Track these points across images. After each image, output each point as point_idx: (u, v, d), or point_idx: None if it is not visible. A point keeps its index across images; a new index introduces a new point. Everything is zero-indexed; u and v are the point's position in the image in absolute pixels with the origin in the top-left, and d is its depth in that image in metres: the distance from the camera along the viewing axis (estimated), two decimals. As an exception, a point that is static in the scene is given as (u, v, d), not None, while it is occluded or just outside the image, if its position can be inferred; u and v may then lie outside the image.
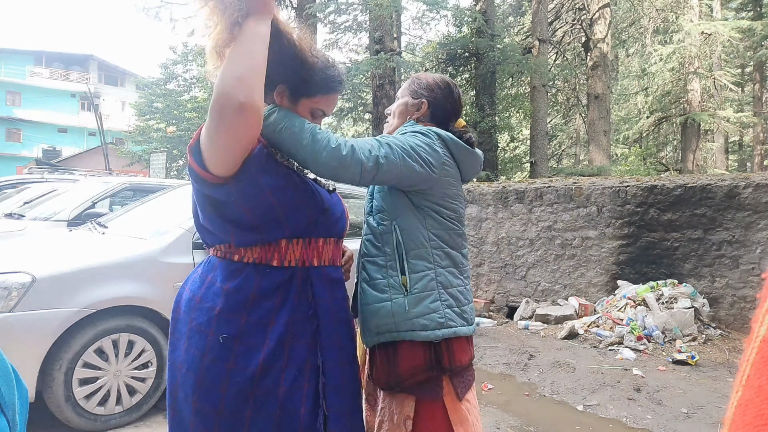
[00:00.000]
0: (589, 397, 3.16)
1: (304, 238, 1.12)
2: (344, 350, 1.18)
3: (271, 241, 1.10)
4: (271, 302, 1.08)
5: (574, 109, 15.01)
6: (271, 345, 1.06)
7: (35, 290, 2.35)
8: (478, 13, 9.56)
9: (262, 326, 1.07)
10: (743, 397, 0.32)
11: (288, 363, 1.07)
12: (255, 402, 1.05)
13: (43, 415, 2.53)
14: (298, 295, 1.11)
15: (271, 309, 1.08)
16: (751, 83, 16.07)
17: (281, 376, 1.06)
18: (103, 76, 30.51)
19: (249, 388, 1.04)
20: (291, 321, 1.09)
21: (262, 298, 1.08)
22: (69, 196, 4.91)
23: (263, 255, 1.09)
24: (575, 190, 5.29)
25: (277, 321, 1.08)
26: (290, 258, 1.11)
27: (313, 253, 1.15)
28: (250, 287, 1.08)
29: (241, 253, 1.10)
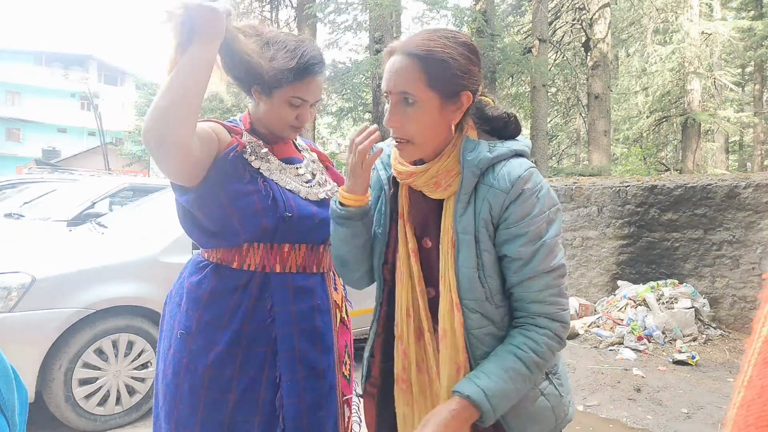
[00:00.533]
0: (589, 397, 3.16)
1: (266, 243, 1.10)
2: (307, 363, 1.10)
3: (233, 246, 1.10)
4: (224, 304, 1.08)
5: (574, 108, 15.01)
6: (219, 349, 1.07)
7: (35, 290, 2.35)
8: (478, 13, 9.56)
9: (213, 327, 1.08)
10: (745, 397, 0.32)
11: (240, 371, 1.07)
12: (206, 404, 1.06)
13: (42, 415, 2.52)
14: (255, 301, 1.09)
15: (223, 311, 1.08)
16: (752, 83, 16.08)
17: (232, 383, 1.07)
18: (103, 76, 30.51)
19: (199, 389, 1.06)
20: (245, 327, 1.08)
21: (215, 298, 1.09)
22: (69, 196, 4.91)
23: (225, 257, 1.11)
24: (575, 190, 5.29)
25: (229, 325, 1.08)
26: (250, 262, 1.10)
27: (275, 259, 1.11)
28: (206, 286, 1.10)
29: (208, 253, 1.14)
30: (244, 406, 1.07)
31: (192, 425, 1.06)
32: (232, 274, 1.10)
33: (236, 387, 1.06)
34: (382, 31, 9.42)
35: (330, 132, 17.48)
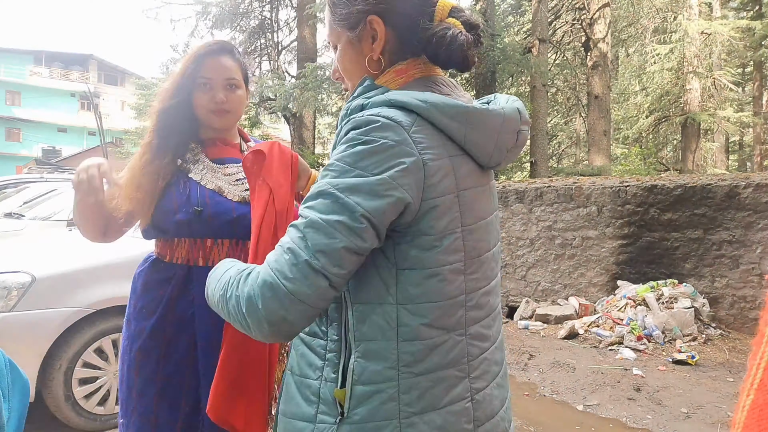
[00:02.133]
0: (589, 397, 3.16)
1: (190, 238, 1.21)
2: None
3: (167, 238, 1.23)
4: (153, 294, 1.21)
5: (574, 108, 15.01)
6: (146, 333, 1.19)
7: (35, 290, 2.35)
8: (478, 13, 9.56)
9: (143, 315, 1.21)
10: (756, 401, 0.32)
11: (165, 357, 1.18)
12: (139, 383, 1.18)
13: (42, 415, 2.52)
14: (179, 292, 1.19)
15: (153, 301, 1.21)
16: (751, 83, 16.07)
17: (158, 367, 1.17)
18: (103, 76, 30.51)
19: (134, 369, 1.19)
20: (169, 316, 1.18)
21: (148, 288, 1.22)
22: (69, 196, 4.91)
23: (161, 250, 1.25)
24: (575, 189, 5.29)
25: (155, 312, 1.19)
26: (177, 255, 1.22)
27: (198, 254, 1.20)
28: (143, 277, 1.25)
29: (155, 246, 1.29)
30: (170, 391, 1.17)
31: (131, 403, 1.18)
32: (164, 267, 1.23)
33: (162, 371, 1.17)
34: (382, 31, 9.40)
35: (330, 132, 17.47)
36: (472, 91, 10.98)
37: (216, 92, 1.22)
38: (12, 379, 0.94)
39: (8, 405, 0.91)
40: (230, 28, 12.29)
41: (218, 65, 1.23)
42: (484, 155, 0.74)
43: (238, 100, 1.26)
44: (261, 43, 12.47)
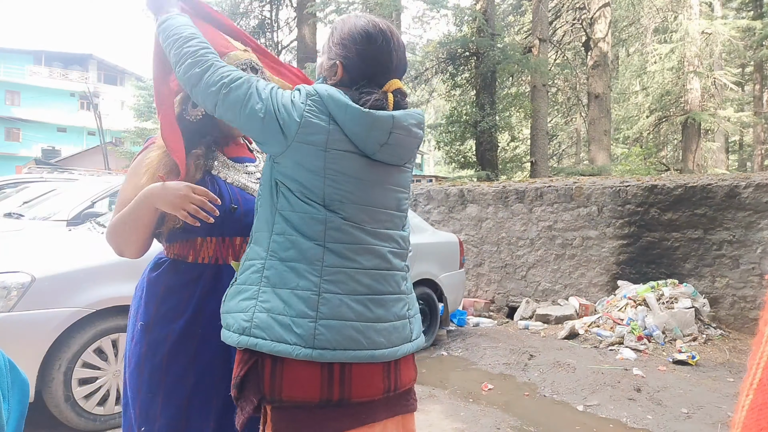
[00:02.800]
0: (589, 397, 3.16)
1: (218, 237, 1.18)
2: None
3: (189, 238, 1.19)
4: (178, 298, 1.17)
5: (574, 108, 15.01)
6: (175, 336, 1.15)
7: (34, 290, 2.35)
8: (478, 13, 9.55)
9: (168, 319, 1.17)
10: (755, 401, 0.32)
11: (196, 356, 1.15)
12: (165, 389, 1.14)
13: (42, 415, 2.52)
14: (208, 291, 1.17)
15: (178, 304, 1.17)
16: (752, 83, 16.07)
17: (189, 368, 1.14)
18: (103, 76, 30.50)
19: (159, 374, 1.15)
20: (199, 316, 1.16)
21: (171, 292, 1.18)
22: (68, 196, 4.91)
23: (182, 251, 1.20)
24: (575, 189, 5.28)
25: (183, 315, 1.16)
26: (204, 255, 1.19)
27: (227, 252, 1.19)
28: (163, 280, 1.19)
29: (168, 248, 1.23)
30: (202, 389, 1.14)
31: (154, 409, 1.14)
32: (187, 269, 1.19)
33: (193, 372, 1.14)
34: (382, 30, 9.40)
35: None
36: (472, 91, 10.98)
37: None
38: (12, 380, 0.94)
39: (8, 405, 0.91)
40: (230, 27, 12.27)
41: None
42: (347, 125, 1.03)
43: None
44: (261, 42, 12.47)
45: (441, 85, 11.95)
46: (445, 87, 11.66)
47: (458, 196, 6.12)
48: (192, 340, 1.15)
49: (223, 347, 1.13)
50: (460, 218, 6.09)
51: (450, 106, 12.00)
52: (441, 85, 11.87)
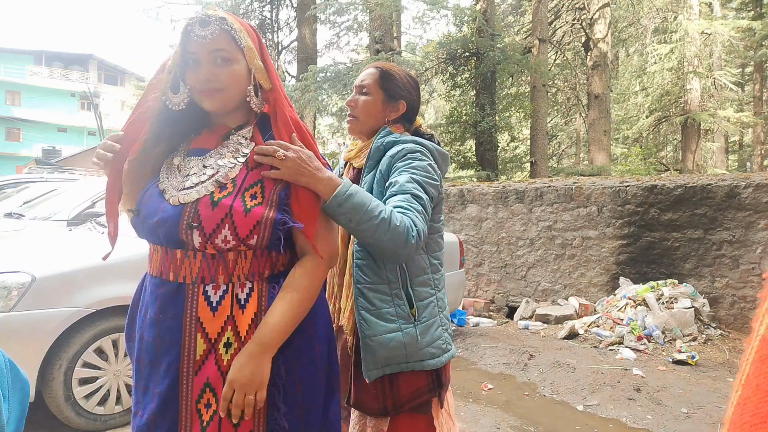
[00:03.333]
0: (589, 397, 3.16)
1: (150, 244, 1.10)
2: (142, 379, 1.04)
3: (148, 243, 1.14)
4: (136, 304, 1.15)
5: (574, 108, 15.01)
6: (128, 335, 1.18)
7: (35, 290, 2.35)
8: (478, 13, 9.56)
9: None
10: (742, 395, 0.33)
11: (137, 370, 1.11)
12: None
13: (42, 415, 2.52)
14: (143, 306, 1.10)
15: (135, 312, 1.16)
16: (752, 83, 16.07)
17: (139, 373, 1.11)
18: (103, 76, 30.50)
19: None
20: (132, 331, 1.14)
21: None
22: (69, 196, 4.91)
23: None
24: (575, 189, 5.29)
25: (131, 326, 1.16)
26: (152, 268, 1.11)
27: (149, 259, 1.09)
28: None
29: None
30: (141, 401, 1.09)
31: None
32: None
33: (140, 379, 1.09)
34: (383, 31, 9.43)
35: (332, 133, 17.46)
36: (472, 92, 10.98)
37: (203, 70, 1.03)
38: (12, 380, 0.94)
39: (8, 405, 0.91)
40: (230, 28, 12.27)
41: (202, 41, 1.02)
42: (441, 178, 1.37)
43: (232, 75, 1.04)
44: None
45: (441, 86, 11.95)
46: (445, 87, 11.67)
47: (458, 196, 6.12)
48: (132, 345, 1.13)
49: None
50: (460, 218, 6.09)
51: (450, 106, 12.00)
52: (441, 85, 11.87)
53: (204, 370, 0.99)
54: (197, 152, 1.09)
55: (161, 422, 0.98)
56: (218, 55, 1.02)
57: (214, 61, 1.02)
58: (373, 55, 9.29)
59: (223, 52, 1.02)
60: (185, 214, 0.99)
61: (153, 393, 1.00)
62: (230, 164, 1.05)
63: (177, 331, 0.99)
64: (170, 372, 0.99)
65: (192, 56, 1.03)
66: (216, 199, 1.00)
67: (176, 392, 0.98)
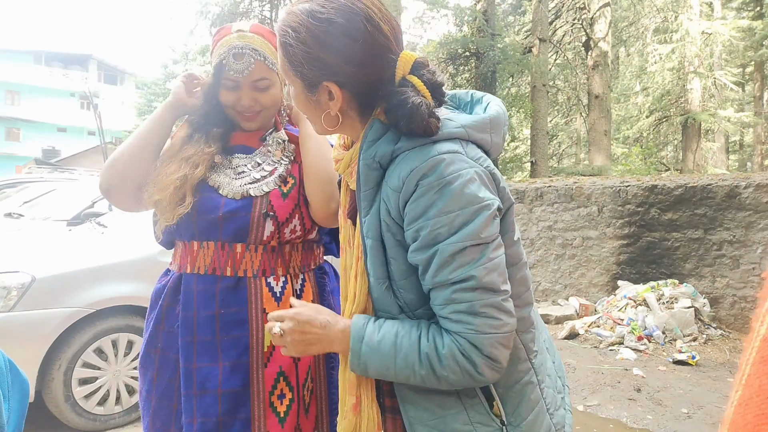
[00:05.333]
0: (589, 397, 3.16)
1: (183, 241, 1.07)
2: (201, 381, 0.99)
3: (173, 244, 1.12)
4: (153, 305, 1.11)
5: (574, 108, 15.00)
6: (142, 350, 1.09)
7: (35, 290, 2.35)
8: (478, 13, 9.56)
9: (147, 326, 1.12)
10: (743, 396, 0.32)
11: (158, 375, 1.05)
12: (142, 401, 1.10)
13: (42, 415, 2.52)
14: (168, 303, 1.06)
15: (150, 315, 1.11)
16: (752, 83, 16.07)
17: (153, 383, 1.06)
18: (103, 76, 30.50)
19: (141, 385, 1.10)
20: (158, 330, 1.06)
21: (154, 298, 1.12)
22: (68, 196, 4.91)
23: (170, 258, 1.16)
24: (576, 189, 5.28)
25: (148, 326, 1.10)
26: (175, 262, 1.11)
27: (186, 259, 1.06)
28: (155, 286, 1.15)
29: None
30: (161, 413, 1.04)
31: (145, 415, 1.09)
32: (165, 274, 1.13)
33: (155, 390, 1.05)
34: (382, 30, 9.40)
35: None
36: (472, 91, 10.98)
37: (243, 95, 1.07)
38: (12, 380, 0.94)
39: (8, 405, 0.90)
40: (230, 27, 12.29)
41: (240, 71, 1.05)
42: (497, 152, 0.84)
43: (271, 99, 1.09)
44: (261, 42, 12.48)
45: (441, 85, 11.94)
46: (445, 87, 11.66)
47: (458, 196, 6.12)
48: (155, 355, 1.06)
49: (178, 370, 1.02)
50: (460, 218, 6.09)
51: (450, 106, 11.98)
52: (441, 85, 11.86)
53: (274, 360, 1.00)
54: (241, 150, 1.12)
55: (231, 422, 0.96)
56: (257, 84, 1.07)
57: (254, 88, 1.07)
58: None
59: (261, 81, 1.07)
60: (257, 205, 1.03)
61: (215, 394, 0.97)
62: (285, 161, 1.11)
63: (242, 324, 1.00)
64: (240, 368, 0.98)
65: (229, 82, 1.07)
66: (285, 191, 1.06)
67: (248, 388, 0.97)
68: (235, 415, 0.96)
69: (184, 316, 1.01)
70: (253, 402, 0.97)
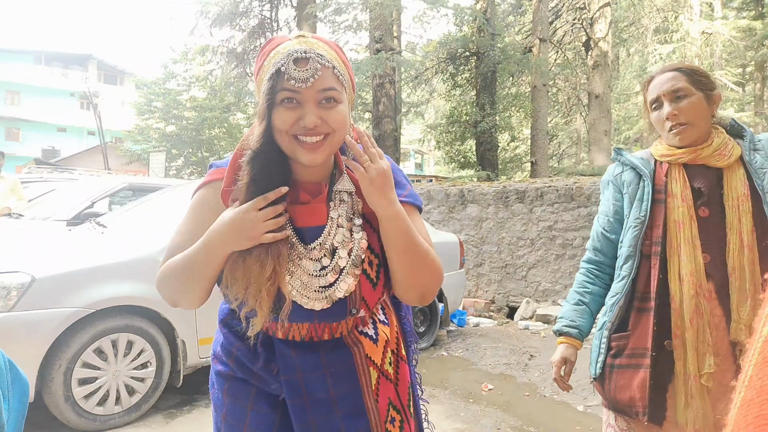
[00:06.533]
0: (589, 397, 3.15)
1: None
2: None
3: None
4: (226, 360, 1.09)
5: (574, 108, 15.01)
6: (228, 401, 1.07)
7: (34, 290, 2.35)
8: (478, 12, 9.56)
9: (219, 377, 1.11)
10: (745, 397, 0.32)
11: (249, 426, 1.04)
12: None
13: (42, 415, 2.52)
14: (263, 365, 1.04)
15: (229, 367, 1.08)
16: (752, 83, 16.07)
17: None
18: (103, 76, 30.51)
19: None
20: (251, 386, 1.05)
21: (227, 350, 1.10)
22: (68, 196, 4.90)
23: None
24: (576, 189, 5.28)
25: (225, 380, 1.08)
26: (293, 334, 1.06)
27: (275, 327, 1.01)
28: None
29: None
30: None
31: None
32: (235, 319, 1.01)
33: None
34: (383, 30, 9.42)
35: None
36: (472, 91, 10.98)
37: (307, 112, 0.85)
38: (12, 380, 0.93)
39: (8, 405, 0.90)
40: (230, 27, 12.29)
41: (305, 80, 0.84)
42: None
43: (341, 116, 0.87)
44: (261, 42, 12.47)
45: (441, 85, 11.96)
46: (445, 87, 11.67)
47: (458, 196, 6.12)
48: (245, 408, 1.00)
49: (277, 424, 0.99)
50: (461, 218, 6.09)
51: (450, 106, 12.00)
52: (441, 85, 11.88)
53: (383, 394, 1.00)
54: (310, 233, 0.92)
55: None
56: (324, 95, 0.85)
57: (319, 103, 0.86)
58: (373, 55, 9.28)
59: (330, 92, 0.86)
60: (350, 304, 0.94)
61: (342, 429, 0.96)
62: (357, 233, 0.93)
63: (353, 375, 0.98)
64: (360, 413, 0.97)
65: (288, 96, 0.85)
66: (373, 278, 0.95)
67: (368, 426, 0.98)
68: None
69: (286, 380, 0.96)
70: None
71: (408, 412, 1.07)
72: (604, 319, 1.29)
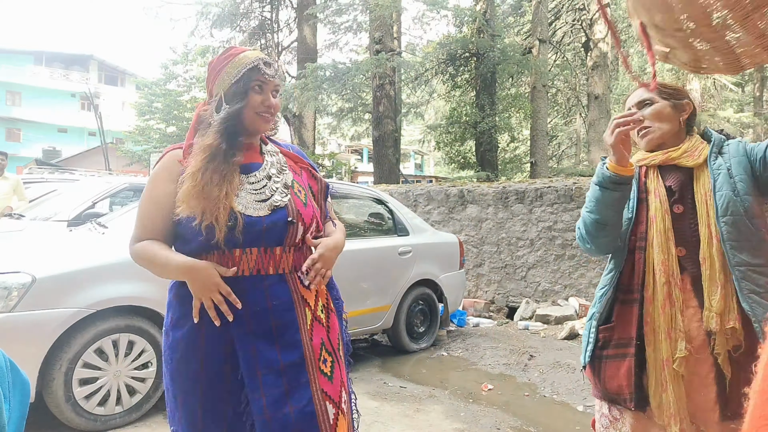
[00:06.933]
0: (589, 397, 3.16)
1: (218, 251, 1.23)
2: (264, 362, 1.21)
3: (191, 252, 1.23)
4: (187, 305, 1.26)
5: (574, 109, 15.01)
6: (183, 343, 1.26)
7: (35, 290, 2.35)
8: (478, 13, 9.57)
9: (178, 326, 1.27)
10: (754, 402, 0.33)
11: (204, 365, 1.25)
12: (181, 394, 1.23)
13: (43, 415, 2.52)
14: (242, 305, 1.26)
15: (185, 311, 1.25)
16: (751, 83, 16.08)
17: (198, 376, 1.24)
18: (103, 76, 30.51)
19: (176, 379, 1.24)
20: (202, 327, 1.24)
21: (180, 299, 1.27)
22: (69, 196, 4.91)
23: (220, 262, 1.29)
24: (575, 190, 5.29)
25: (185, 324, 1.27)
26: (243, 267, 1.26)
27: (228, 264, 1.23)
28: (175, 289, 1.30)
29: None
30: (211, 398, 1.19)
31: (175, 412, 1.22)
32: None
33: (202, 380, 1.19)
34: (382, 31, 9.43)
35: (330, 132, 17.46)
36: (472, 92, 10.98)
37: (265, 96, 1.25)
38: (12, 380, 0.94)
39: (9, 405, 0.91)
40: (230, 28, 12.30)
41: (272, 76, 1.27)
42: None
43: (279, 106, 1.33)
44: (261, 43, 12.48)
45: (441, 86, 11.96)
46: (445, 88, 11.67)
47: (458, 197, 6.13)
48: (196, 349, 1.19)
49: (227, 358, 1.18)
50: (460, 219, 6.10)
51: (450, 106, 12.01)
52: (441, 86, 11.88)
53: (316, 334, 1.24)
54: (252, 167, 1.27)
55: (296, 385, 1.18)
56: (276, 89, 1.28)
57: (273, 94, 1.27)
58: (373, 56, 9.29)
59: (277, 87, 1.28)
60: (288, 214, 1.22)
61: (278, 368, 1.17)
62: (285, 170, 1.31)
63: (291, 311, 1.21)
64: (296, 345, 1.19)
65: (257, 83, 1.23)
66: (303, 199, 1.28)
67: (303, 358, 1.19)
68: (299, 380, 1.18)
69: (236, 315, 1.17)
70: (309, 369, 1.20)
71: (338, 354, 1.30)
72: (593, 310, 1.38)
